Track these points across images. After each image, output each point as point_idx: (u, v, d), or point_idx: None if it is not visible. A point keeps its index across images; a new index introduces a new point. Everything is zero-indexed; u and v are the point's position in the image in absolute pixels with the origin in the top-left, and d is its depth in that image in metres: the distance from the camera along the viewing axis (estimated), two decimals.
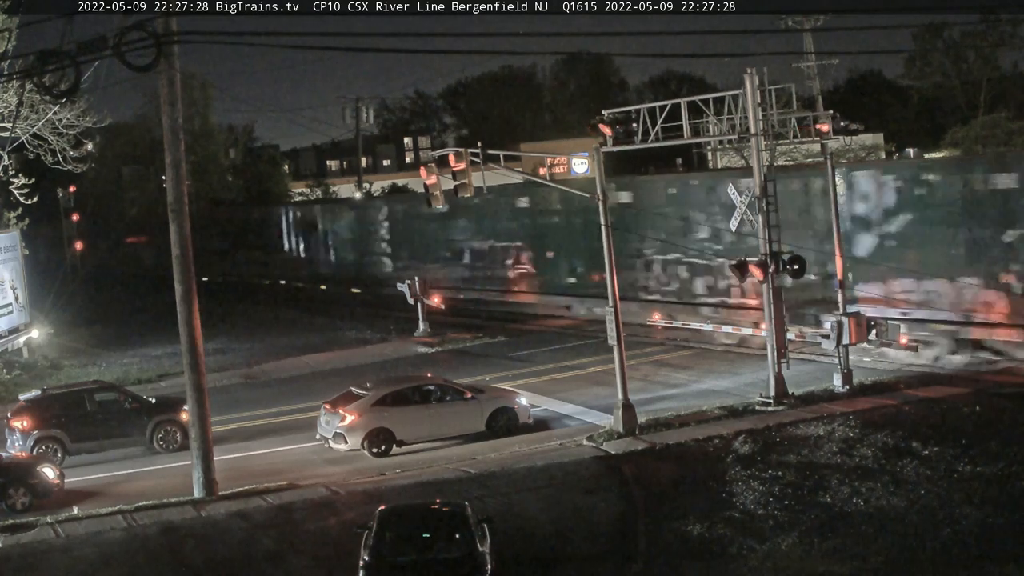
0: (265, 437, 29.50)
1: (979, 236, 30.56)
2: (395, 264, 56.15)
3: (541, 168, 63.74)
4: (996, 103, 75.08)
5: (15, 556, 20.74)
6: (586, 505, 21.86)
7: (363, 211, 62.86)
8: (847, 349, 28.84)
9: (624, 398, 26.81)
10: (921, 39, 74.24)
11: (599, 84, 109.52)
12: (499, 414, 27.84)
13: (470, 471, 24.31)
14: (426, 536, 17.87)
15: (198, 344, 24.08)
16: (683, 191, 40.49)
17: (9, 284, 41.53)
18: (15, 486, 23.86)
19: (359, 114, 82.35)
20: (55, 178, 57.78)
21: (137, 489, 25.03)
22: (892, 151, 68.63)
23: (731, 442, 24.69)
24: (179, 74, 23.65)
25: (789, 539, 19.32)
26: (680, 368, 34.38)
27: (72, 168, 39.44)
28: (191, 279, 23.89)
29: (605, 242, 27.30)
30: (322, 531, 21.16)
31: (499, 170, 30.38)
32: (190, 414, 24.48)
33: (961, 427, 24.37)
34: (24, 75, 25.86)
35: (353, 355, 41.04)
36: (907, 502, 20.51)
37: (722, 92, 29.47)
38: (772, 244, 28.07)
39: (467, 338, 42.61)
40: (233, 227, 73.46)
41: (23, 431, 27.54)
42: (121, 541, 21.27)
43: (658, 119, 29.09)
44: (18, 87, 33.01)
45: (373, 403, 26.95)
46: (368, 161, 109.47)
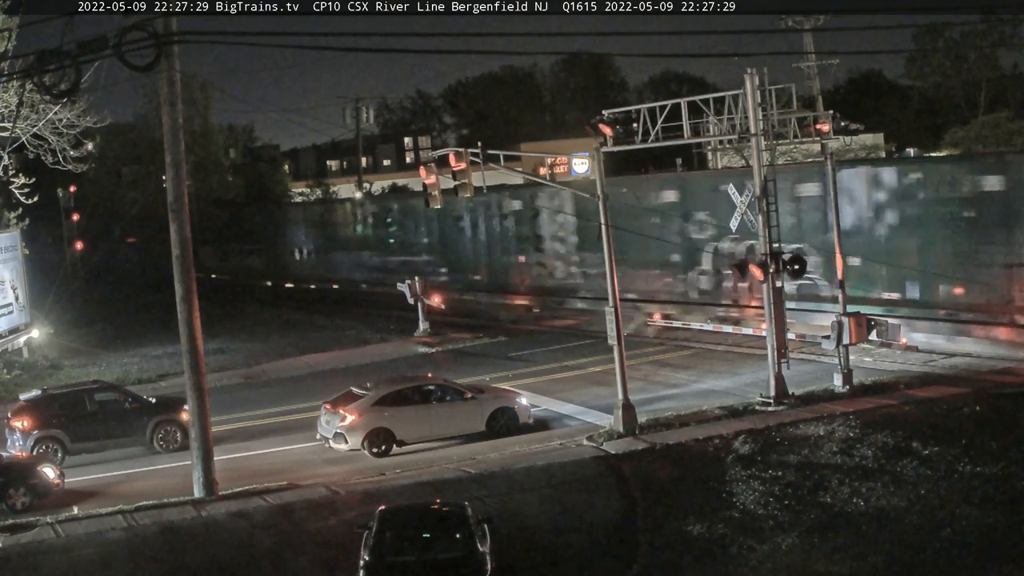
0: (265, 437, 29.49)
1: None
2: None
3: (541, 168, 63.78)
4: (996, 103, 75.08)
5: (15, 556, 20.73)
6: (586, 505, 21.86)
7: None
8: (847, 349, 28.84)
9: (624, 398, 26.80)
10: (921, 39, 74.24)
11: (599, 84, 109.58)
12: (499, 414, 27.84)
13: (470, 471, 24.30)
14: (426, 536, 17.88)
15: (198, 344, 24.07)
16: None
17: (9, 284, 41.54)
18: (15, 486, 23.86)
19: (359, 114, 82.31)
20: (55, 178, 57.74)
21: (137, 489, 25.02)
22: (892, 151, 68.59)
23: (731, 442, 24.69)
24: (179, 74, 23.64)
25: (789, 539, 19.32)
26: (680, 368, 34.38)
27: (72, 168, 39.42)
28: (191, 279, 23.88)
29: (605, 242, 27.30)
30: (322, 531, 21.15)
31: (499, 170, 30.39)
32: (190, 414, 24.48)
33: (961, 427, 24.36)
34: (24, 75, 25.85)
35: (353, 355, 41.05)
36: (907, 502, 20.51)
37: (722, 92, 29.45)
38: (772, 244, 28.07)
39: (467, 338, 42.62)
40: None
41: (23, 431, 27.54)
42: (121, 541, 21.27)
43: (658, 119, 29.08)
44: (18, 87, 33.02)
45: (373, 403, 26.95)
46: (368, 161, 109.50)
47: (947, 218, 32.19)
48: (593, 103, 75.76)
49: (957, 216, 31.96)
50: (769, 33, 76.99)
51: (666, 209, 40.60)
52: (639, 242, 38.50)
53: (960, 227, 31.81)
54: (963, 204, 31.97)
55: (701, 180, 45.40)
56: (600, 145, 28.98)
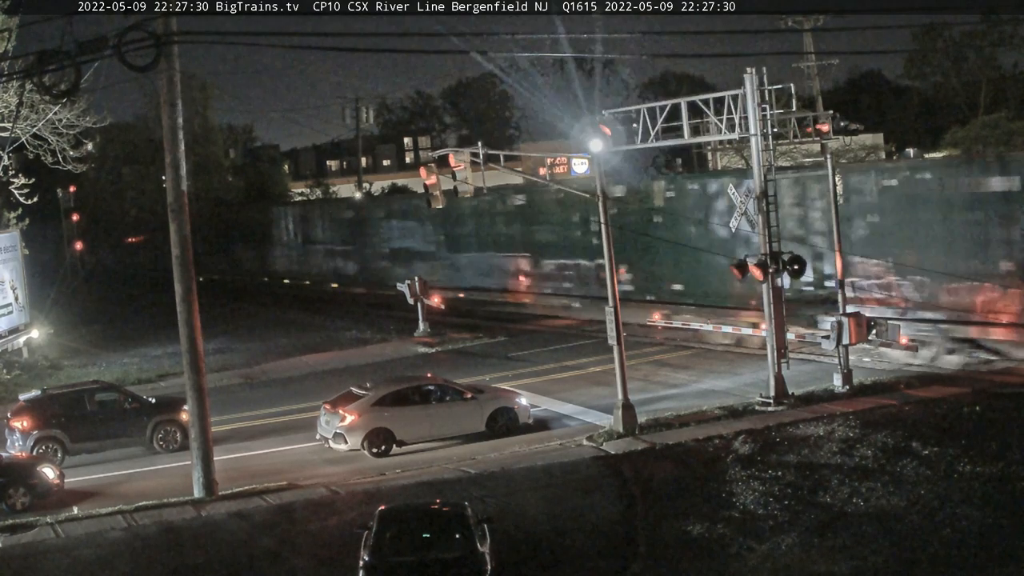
0: (265, 437, 29.49)
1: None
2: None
3: (541, 168, 63.72)
4: (996, 103, 75.00)
5: (15, 556, 20.73)
6: (586, 505, 21.85)
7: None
8: (847, 349, 28.84)
9: (624, 398, 26.80)
10: (921, 39, 74.17)
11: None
12: (499, 414, 27.84)
13: (470, 471, 24.30)
14: (426, 536, 17.86)
15: (198, 344, 24.07)
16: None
17: (9, 284, 41.54)
18: (15, 486, 23.85)
19: (359, 114, 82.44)
20: (55, 178, 57.78)
21: (137, 489, 25.02)
22: (892, 151, 68.56)
23: (731, 442, 24.69)
24: (179, 74, 23.64)
25: (789, 539, 19.30)
26: (680, 368, 34.38)
27: (72, 168, 39.42)
28: (191, 279, 23.88)
29: (605, 242, 27.30)
30: (322, 531, 21.15)
31: (499, 170, 30.39)
32: (190, 414, 24.47)
33: (961, 427, 24.35)
34: (24, 75, 25.82)
35: (353, 355, 41.04)
36: (907, 502, 20.49)
37: (722, 92, 29.44)
38: (772, 244, 28.07)
39: (467, 338, 42.62)
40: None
41: (23, 431, 27.53)
42: (121, 541, 21.26)
43: (658, 119, 29.08)
44: (18, 87, 33.00)
45: (373, 403, 26.95)
46: (368, 161, 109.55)
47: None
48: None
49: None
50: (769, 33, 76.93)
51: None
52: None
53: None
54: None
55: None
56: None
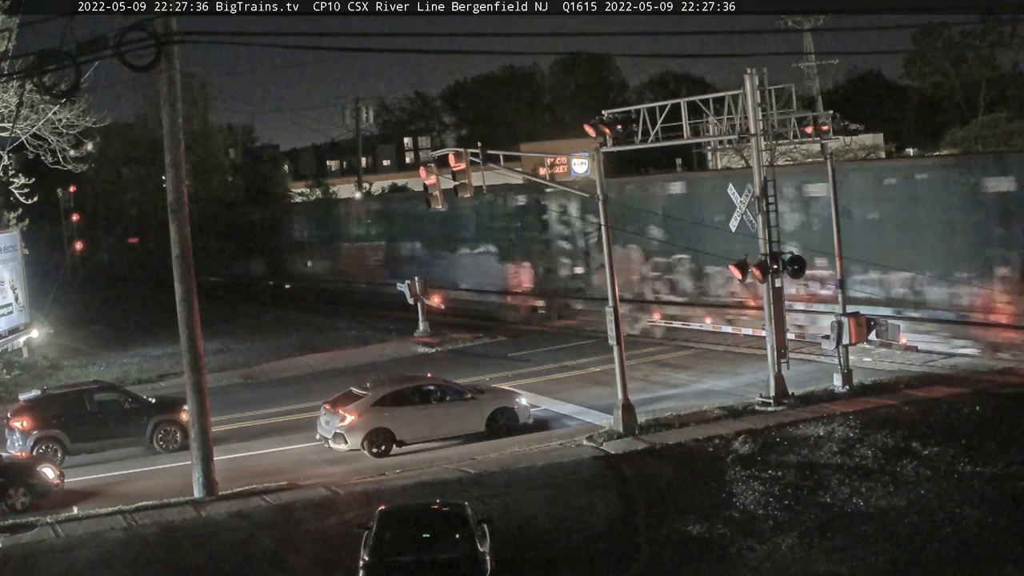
0: (265, 437, 29.49)
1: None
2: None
3: (541, 168, 63.76)
4: (996, 103, 75.07)
5: (15, 556, 20.72)
6: (586, 505, 21.85)
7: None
8: (847, 349, 28.83)
9: (624, 398, 26.80)
10: (920, 39, 74.25)
11: (599, 84, 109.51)
12: (499, 414, 27.83)
13: (470, 471, 24.29)
14: (426, 536, 17.87)
15: (198, 344, 24.07)
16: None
17: (9, 284, 41.53)
18: (15, 486, 23.84)
19: (359, 114, 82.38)
20: (55, 178, 57.78)
21: (137, 489, 25.01)
22: (892, 151, 68.64)
23: (731, 442, 24.68)
24: (179, 74, 23.64)
25: (789, 539, 19.32)
26: (680, 368, 34.38)
27: (72, 168, 39.45)
28: (191, 279, 23.87)
29: (605, 242, 27.30)
30: (322, 531, 21.15)
31: (499, 170, 30.38)
32: (190, 414, 24.46)
33: (961, 427, 24.35)
34: (24, 75, 25.87)
35: (353, 355, 41.03)
36: (907, 502, 20.51)
37: (722, 92, 29.45)
38: (772, 244, 28.06)
39: (467, 338, 42.59)
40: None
41: (23, 431, 27.53)
42: (121, 541, 21.25)
43: (658, 119, 29.07)
44: (18, 87, 33.03)
45: (373, 403, 26.95)
46: (368, 161, 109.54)
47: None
48: (593, 103, 75.71)
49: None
50: (769, 33, 76.99)
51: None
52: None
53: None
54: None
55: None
56: (600, 145, 28.97)
